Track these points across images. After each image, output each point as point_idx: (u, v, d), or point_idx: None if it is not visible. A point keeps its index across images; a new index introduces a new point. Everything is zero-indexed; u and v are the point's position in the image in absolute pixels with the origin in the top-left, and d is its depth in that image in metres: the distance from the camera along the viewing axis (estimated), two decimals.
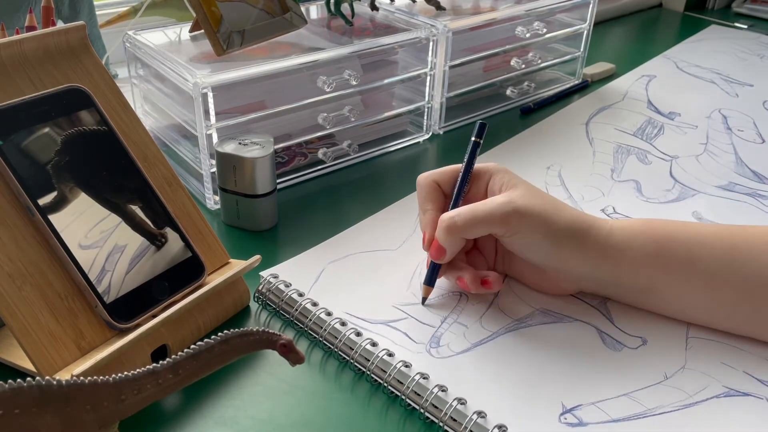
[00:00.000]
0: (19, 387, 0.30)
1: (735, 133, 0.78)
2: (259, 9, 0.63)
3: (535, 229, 0.46)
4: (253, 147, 0.56)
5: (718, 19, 1.21)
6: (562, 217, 0.47)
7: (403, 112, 0.74)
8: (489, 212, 0.47)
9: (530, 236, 0.47)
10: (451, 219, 0.47)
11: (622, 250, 0.47)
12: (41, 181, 0.42)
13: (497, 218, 0.46)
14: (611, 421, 0.41)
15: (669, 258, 0.46)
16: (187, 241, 0.47)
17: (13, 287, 0.39)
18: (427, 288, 0.50)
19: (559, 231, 0.46)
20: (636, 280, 0.47)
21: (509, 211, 0.46)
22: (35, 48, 0.45)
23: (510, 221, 0.46)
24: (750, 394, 0.43)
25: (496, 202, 0.47)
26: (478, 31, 0.76)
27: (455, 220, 0.47)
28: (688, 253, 0.46)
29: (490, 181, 0.51)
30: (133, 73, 0.69)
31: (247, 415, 0.42)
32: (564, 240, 0.47)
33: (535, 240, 0.47)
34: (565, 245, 0.47)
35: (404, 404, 0.43)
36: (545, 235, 0.46)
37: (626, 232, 0.48)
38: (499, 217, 0.46)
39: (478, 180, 0.51)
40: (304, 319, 0.48)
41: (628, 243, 0.47)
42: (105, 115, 0.46)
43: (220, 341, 0.36)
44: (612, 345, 0.47)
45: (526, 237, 0.47)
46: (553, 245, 0.47)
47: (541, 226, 0.46)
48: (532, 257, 0.48)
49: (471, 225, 0.47)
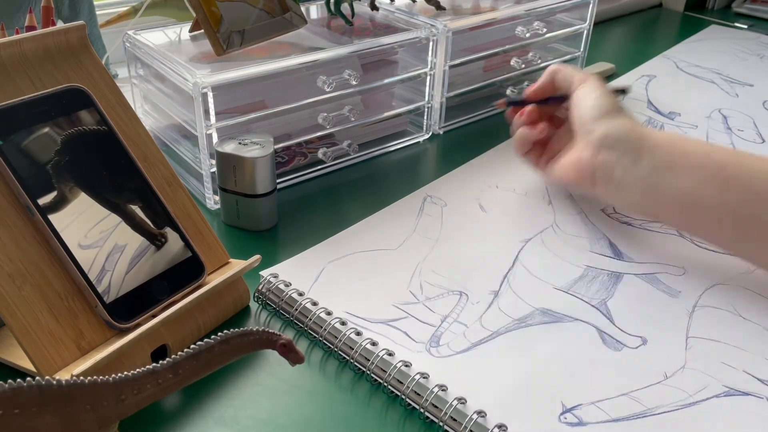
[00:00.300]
0: (19, 387, 0.30)
1: (735, 133, 0.78)
2: (259, 9, 0.63)
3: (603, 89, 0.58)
4: (253, 147, 0.56)
5: (718, 19, 1.21)
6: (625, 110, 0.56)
7: (403, 112, 0.74)
8: None
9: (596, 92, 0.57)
10: None
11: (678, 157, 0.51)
12: (41, 181, 0.42)
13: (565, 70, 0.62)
14: (611, 420, 0.41)
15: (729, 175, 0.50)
16: (187, 241, 0.47)
17: (13, 287, 0.39)
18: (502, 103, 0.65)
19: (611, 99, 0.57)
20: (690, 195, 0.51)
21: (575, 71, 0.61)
22: (35, 48, 0.45)
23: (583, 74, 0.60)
24: (750, 394, 0.43)
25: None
26: (478, 31, 0.76)
27: None
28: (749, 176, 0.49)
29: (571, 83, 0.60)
30: (133, 73, 0.69)
31: (246, 414, 0.42)
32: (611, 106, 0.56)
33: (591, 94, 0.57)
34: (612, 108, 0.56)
35: (404, 404, 0.43)
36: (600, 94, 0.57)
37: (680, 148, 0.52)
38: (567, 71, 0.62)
39: None
40: (304, 318, 0.48)
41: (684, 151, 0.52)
42: (105, 115, 0.46)
43: (220, 341, 0.36)
44: (612, 345, 0.47)
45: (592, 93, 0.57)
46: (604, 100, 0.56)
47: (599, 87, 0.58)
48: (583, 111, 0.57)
49: None
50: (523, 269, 0.54)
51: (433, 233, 0.58)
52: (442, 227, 0.59)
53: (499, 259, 0.55)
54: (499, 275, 0.53)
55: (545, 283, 0.52)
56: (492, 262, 0.54)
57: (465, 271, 0.53)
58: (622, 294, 0.51)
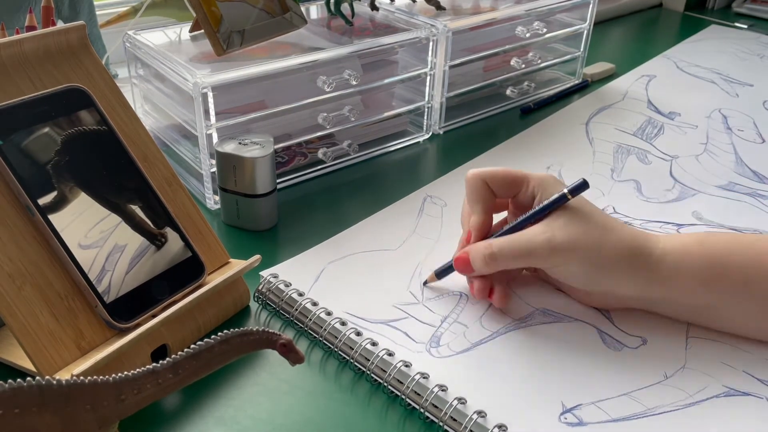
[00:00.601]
0: (19, 387, 0.30)
1: (735, 133, 0.78)
2: (259, 9, 0.63)
3: (578, 262, 0.45)
4: (253, 147, 0.56)
5: (718, 19, 1.21)
6: (608, 244, 0.45)
7: (403, 111, 0.74)
8: (529, 250, 0.45)
9: (571, 268, 0.46)
10: (491, 253, 0.46)
11: (674, 275, 0.45)
12: (41, 181, 0.42)
13: (538, 256, 0.45)
14: (611, 420, 0.41)
15: (724, 284, 0.45)
16: (187, 241, 0.47)
17: (13, 287, 0.39)
18: (433, 276, 0.51)
19: (605, 260, 0.45)
20: (688, 301, 0.46)
21: (549, 250, 0.45)
22: (35, 48, 0.45)
23: (551, 259, 0.45)
24: (750, 394, 0.43)
25: (537, 239, 0.45)
26: (478, 31, 0.76)
27: (495, 254, 0.46)
28: (744, 278, 0.44)
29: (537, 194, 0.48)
30: (133, 73, 0.69)
31: (246, 414, 0.42)
32: (611, 268, 0.45)
33: (580, 270, 0.45)
34: (613, 273, 0.45)
35: (404, 404, 0.43)
36: (590, 266, 0.45)
37: (678, 254, 0.45)
38: (540, 255, 0.45)
39: (525, 187, 0.49)
40: (304, 318, 0.48)
41: (680, 266, 0.45)
42: (105, 115, 0.46)
43: (220, 341, 0.36)
44: (612, 345, 0.47)
45: (567, 269, 0.46)
46: (600, 274, 0.45)
47: (585, 259, 0.45)
48: (576, 284, 0.47)
49: (510, 260, 0.46)
50: None
51: (433, 233, 0.58)
52: (442, 227, 0.59)
53: None
54: None
55: (545, 283, 0.52)
56: None
57: None
58: None
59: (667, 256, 0.45)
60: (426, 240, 0.57)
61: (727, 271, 0.45)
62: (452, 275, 0.51)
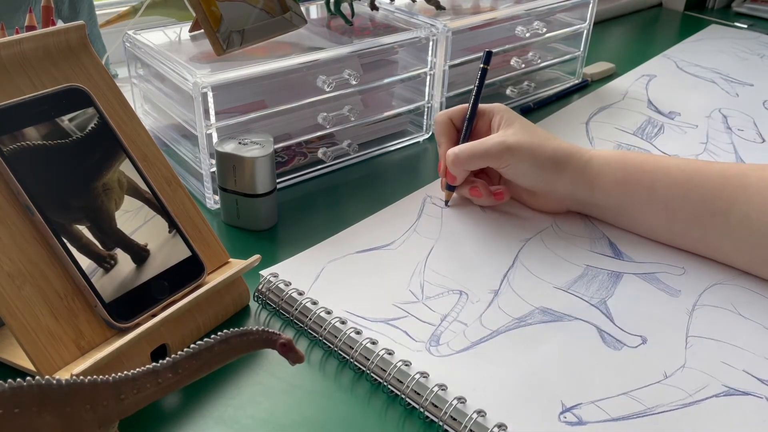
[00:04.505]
0: (19, 387, 0.30)
1: (735, 133, 0.78)
2: (259, 9, 0.63)
3: (523, 160, 0.56)
4: (252, 147, 0.56)
5: (718, 18, 1.21)
6: (546, 148, 0.56)
7: (403, 111, 0.74)
8: (485, 149, 0.57)
9: (520, 166, 0.57)
10: (455, 154, 0.58)
11: (596, 176, 0.56)
12: (41, 180, 0.42)
13: (492, 154, 0.57)
14: (611, 420, 0.41)
15: (634, 184, 0.55)
16: (186, 241, 0.47)
17: (12, 287, 0.39)
18: (449, 193, 0.61)
19: (543, 160, 0.56)
20: (608, 201, 0.56)
21: (502, 149, 0.56)
22: (35, 48, 0.45)
23: (503, 156, 0.56)
24: (750, 394, 0.43)
25: (491, 140, 0.57)
26: (478, 30, 0.76)
27: (458, 155, 0.58)
28: (650, 181, 0.54)
29: (492, 119, 0.60)
30: (133, 73, 0.69)
31: (246, 414, 0.42)
32: (547, 167, 0.56)
33: (523, 168, 0.57)
34: (548, 171, 0.56)
35: (404, 403, 0.43)
36: (531, 165, 0.56)
37: (601, 160, 0.56)
38: (493, 153, 0.57)
39: (483, 117, 0.61)
40: (304, 318, 0.48)
41: (601, 169, 0.56)
42: (105, 115, 0.46)
43: (219, 340, 0.36)
44: (612, 344, 0.47)
45: (516, 167, 0.57)
46: (538, 172, 0.56)
47: (528, 157, 0.56)
48: (522, 182, 0.58)
49: (471, 159, 0.58)
50: (523, 268, 0.54)
51: (433, 233, 0.58)
52: (442, 227, 0.59)
53: (499, 258, 0.55)
54: (499, 274, 0.53)
55: (545, 282, 0.52)
56: (492, 262, 0.54)
57: (465, 270, 0.53)
58: (622, 293, 0.51)
59: (593, 160, 0.56)
60: (426, 240, 0.57)
61: (637, 175, 0.55)
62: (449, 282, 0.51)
